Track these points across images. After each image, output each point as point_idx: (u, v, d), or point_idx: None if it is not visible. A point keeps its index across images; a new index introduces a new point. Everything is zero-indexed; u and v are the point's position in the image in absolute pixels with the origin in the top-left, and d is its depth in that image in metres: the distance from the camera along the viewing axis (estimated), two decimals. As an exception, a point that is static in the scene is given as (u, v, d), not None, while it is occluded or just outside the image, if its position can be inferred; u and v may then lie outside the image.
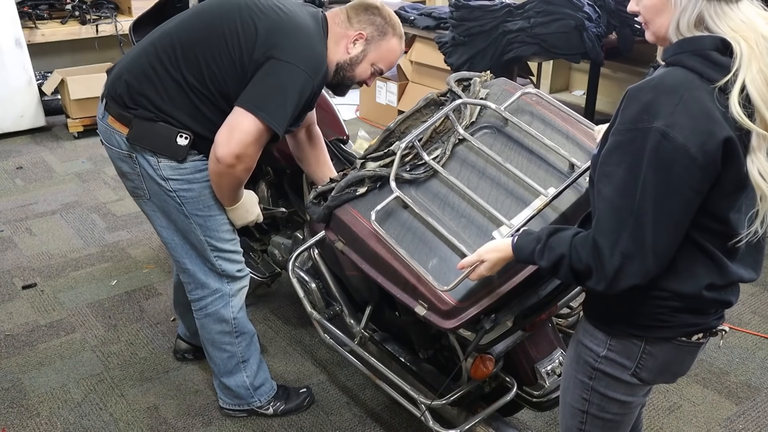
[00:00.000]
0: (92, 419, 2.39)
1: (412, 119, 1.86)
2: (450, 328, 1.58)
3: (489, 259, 1.44)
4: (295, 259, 2.37)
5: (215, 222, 2.07)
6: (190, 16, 1.99)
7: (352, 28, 1.99)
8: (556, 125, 1.79)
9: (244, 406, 2.36)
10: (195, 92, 1.91)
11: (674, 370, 1.45)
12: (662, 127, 1.17)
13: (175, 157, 1.94)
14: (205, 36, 1.90)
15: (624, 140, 1.22)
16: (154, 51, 1.93)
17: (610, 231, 1.23)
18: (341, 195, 1.74)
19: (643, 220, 1.21)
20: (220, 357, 2.27)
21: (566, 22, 3.70)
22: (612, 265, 1.23)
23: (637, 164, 1.20)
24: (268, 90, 1.85)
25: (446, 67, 4.22)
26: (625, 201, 1.22)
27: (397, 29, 2.04)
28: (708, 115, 1.18)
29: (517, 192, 1.67)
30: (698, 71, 1.21)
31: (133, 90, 1.92)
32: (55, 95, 5.00)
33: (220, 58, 1.88)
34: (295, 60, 1.85)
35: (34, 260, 3.35)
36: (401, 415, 2.37)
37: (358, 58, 2.01)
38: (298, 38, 1.88)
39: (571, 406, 1.53)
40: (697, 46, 1.22)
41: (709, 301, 1.34)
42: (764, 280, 3.19)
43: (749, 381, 2.58)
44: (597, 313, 1.43)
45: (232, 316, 2.21)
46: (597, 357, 1.43)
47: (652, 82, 1.23)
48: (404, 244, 1.61)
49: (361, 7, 2.00)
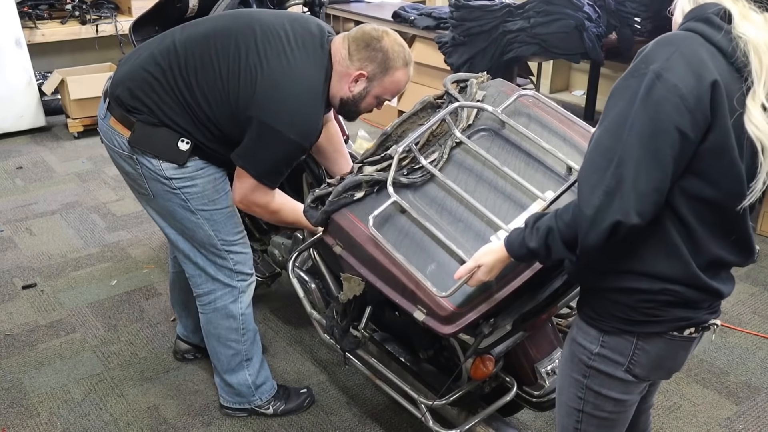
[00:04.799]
0: (92, 419, 2.39)
1: (409, 122, 1.86)
2: (449, 334, 1.58)
3: (485, 263, 1.44)
4: (295, 259, 2.37)
5: (222, 215, 2.08)
6: (200, 36, 1.95)
7: (353, 66, 1.94)
8: (554, 127, 1.78)
9: (245, 404, 2.36)
10: (193, 111, 1.94)
11: (668, 366, 1.46)
12: (657, 68, 1.21)
13: (176, 161, 1.96)
14: (207, 67, 1.90)
15: (621, 87, 1.26)
16: (156, 63, 1.93)
17: (593, 171, 1.24)
18: (339, 199, 1.73)
19: (627, 156, 1.21)
20: (225, 354, 2.27)
21: (566, 22, 3.71)
22: (593, 204, 1.22)
23: (629, 105, 1.23)
24: (261, 153, 1.92)
25: (446, 67, 4.22)
26: (612, 141, 1.23)
27: (400, 60, 1.95)
28: (702, 63, 1.22)
29: (514, 196, 1.67)
30: (699, 31, 1.26)
31: (135, 97, 1.93)
32: (55, 95, 5.00)
33: (216, 93, 1.91)
34: (285, 128, 1.87)
35: (34, 260, 3.35)
36: (401, 415, 2.38)
37: (360, 95, 1.99)
38: (294, 102, 1.88)
39: (566, 405, 1.53)
40: (699, 12, 1.28)
41: (699, 287, 1.34)
42: (764, 280, 3.19)
43: (749, 381, 2.59)
44: (589, 310, 1.44)
45: (240, 312, 2.22)
46: (591, 354, 1.44)
47: (654, 40, 1.28)
48: (402, 250, 1.61)
49: (363, 43, 1.93)
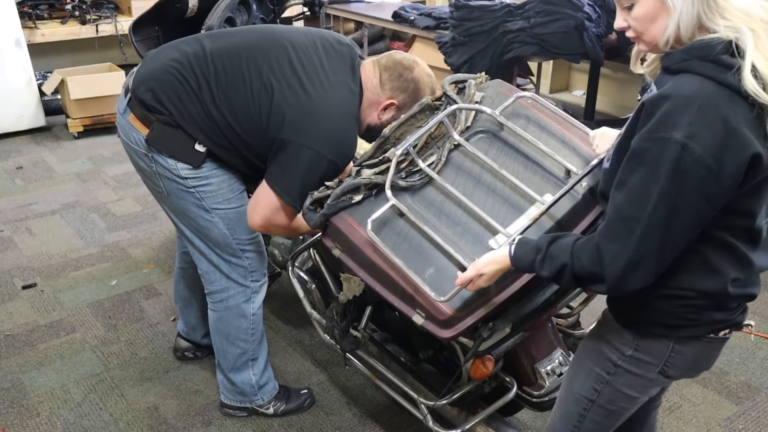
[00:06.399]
0: (92, 419, 2.39)
1: (407, 125, 1.85)
2: (447, 338, 1.59)
3: (487, 272, 1.43)
4: (295, 259, 2.37)
5: (237, 213, 2.06)
6: (233, 50, 1.92)
7: (384, 94, 1.95)
8: (552, 129, 1.78)
9: (246, 403, 2.36)
10: (218, 124, 1.91)
11: (701, 366, 1.48)
12: (682, 138, 1.16)
13: (192, 163, 1.94)
14: (239, 82, 1.88)
15: (640, 149, 1.21)
16: (184, 68, 1.90)
17: (616, 238, 1.23)
18: (337, 203, 1.73)
19: (653, 231, 1.20)
20: (232, 352, 2.27)
21: (566, 22, 3.71)
22: (615, 272, 1.23)
23: (652, 175, 1.19)
24: (295, 175, 1.86)
25: (446, 67, 4.22)
26: (634, 210, 1.21)
27: (428, 90, 1.98)
28: (726, 123, 1.17)
29: (512, 199, 1.67)
30: (712, 77, 1.19)
31: (157, 99, 1.91)
32: (55, 95, 5.00)
33: (250, 112, 1.88)
34: (321, 147, 1.84)
35: (34, 260, 3.35)
36: (401, 415, 2.37)
37: (388, 122, 1.96)
38: (329, 123, 1.87)
39: (578, 393, 1.53)
40: (706, 51, 1.20)
41: (735, 296, 1.34)
42: (764, 280, 3.18)
43: (749, 381, 2.59)
44: (624, 314, 1.43)
45: (252, 313, 2.22)
46: (622, 355, 1.43)
47: (667, 92, 1.21)
48: (400, 254, 1.61)
49: (395, 73, 1.95)
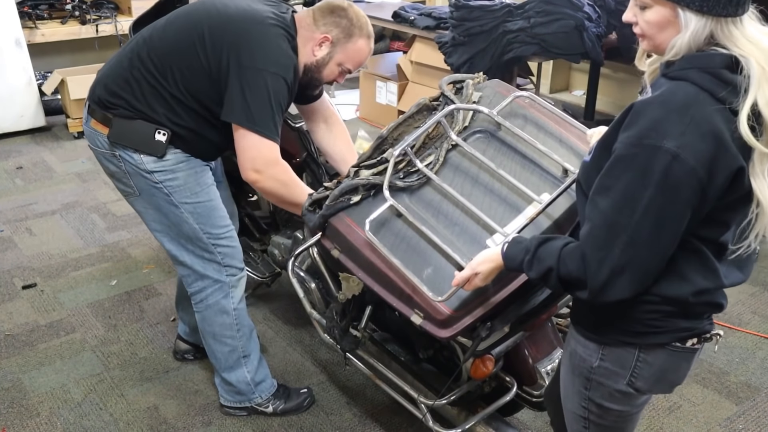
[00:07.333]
0: (92, 419, 2.39)
1: (405, 125, 1.86)
2: (446, 338, 1.59)
3: (482, 271, 1.43)
4: (295, 259, 2.37)
5: (206, 208, 2.10)
6: (164, 24, 2.05)
7: (318, 30, 2.02)
8: (549, 129, 1.78)
9: (245, 402, 2.36)
10: (171, 95, 1.98)
11: (671, 379, 1.43)
12: (673, 148, 1.13)
13: (155, 153, 2.00)
14: (177, 47, 1.97)
15: (628, 155, 1.18)
16: (131, 59, 2.01)
17: (601, 245, 1.21)
18: (336, 203, 1.74)
19: (639, 238, 1.18)
20: (222, 351, 2.28)
21: (566, 22, 3.70)
22: (600, 279, 1.22)
23: (640, 182, 1.17)
24: (249, 98, 1.90)
25: (446, 67, 4.22)
26: (621, 216, 1.19)
27: (365, 29, 2.05)
28: (718, 138, 1.15)
29: (510, 199, 1.67)
30: (708, 89, 1.17)
31: (112, 93, 2.00)
32: (55, 95, 4.99)
33: (192, 66, 1.95)
34: (264, 64, 1.90)
35: (34, 260, 3.35)
36: (401, 415, 2.37)
37: (324, 60, 2.05)
38: (266, 42, 1.93)
39: (572, 412, 1.53)
40: (707, 63, 1.18)
41: (701, 304, 1.33)
42: (764, 280, 3.19)
43: (749, 381, 2.59)
44: (586, 322, 1.41)
45: (233, 307, 2.23)
46: (591, 368, 1.41)
47: (661, 97, 1.19)
48: (399, 254, 1.61)
49: (327, 9, 2.03)
